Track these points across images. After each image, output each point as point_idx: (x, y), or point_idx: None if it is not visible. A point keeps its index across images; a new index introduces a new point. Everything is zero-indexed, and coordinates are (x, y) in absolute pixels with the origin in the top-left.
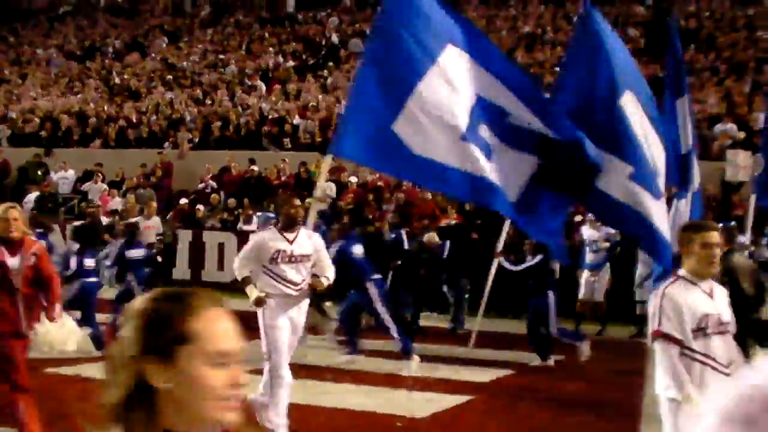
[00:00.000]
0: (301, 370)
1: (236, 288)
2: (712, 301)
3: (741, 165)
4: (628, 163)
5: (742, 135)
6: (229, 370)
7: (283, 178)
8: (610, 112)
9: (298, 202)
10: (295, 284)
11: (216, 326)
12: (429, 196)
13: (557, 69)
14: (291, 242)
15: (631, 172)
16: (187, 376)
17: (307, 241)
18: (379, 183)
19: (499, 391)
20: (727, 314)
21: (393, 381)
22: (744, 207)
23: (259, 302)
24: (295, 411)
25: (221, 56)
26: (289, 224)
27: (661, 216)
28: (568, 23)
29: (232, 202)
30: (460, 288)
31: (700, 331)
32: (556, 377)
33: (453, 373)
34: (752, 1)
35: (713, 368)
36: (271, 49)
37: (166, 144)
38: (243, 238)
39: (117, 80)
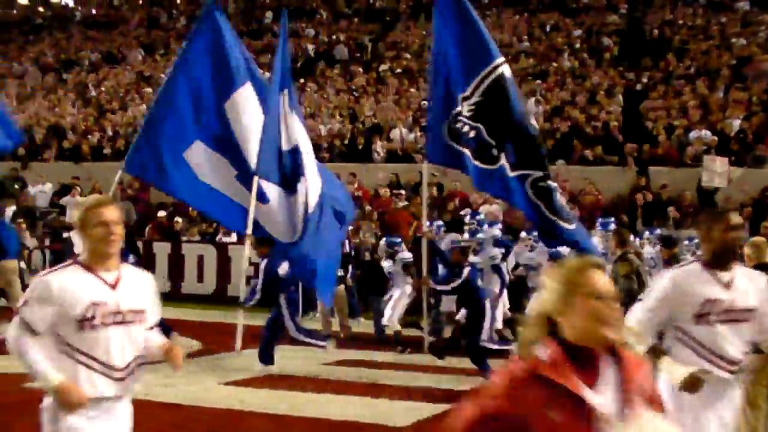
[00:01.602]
0: (281, 381)
1: (215, 300)
2: None
3: (717, 171)
4: (232, 164)
5: (715, 140)
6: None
7: None
8: (219, 115)
9: (738, 220)
10: (733, 361)
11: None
12: (403, 207)
13: (529, 78)
14: (727, 288)
15: (235, 174)
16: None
17: (749, 285)
18: (358, 193)
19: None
20: None
21: (374, 390)
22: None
23: (695, 383)
24: (275, 422)
25: None
26: (723, 258)
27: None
28: (543, 32)
29: None
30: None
31: None
32: None
33: (433, 382)
34: (724, 8)
35: None
36: None
37: None
38: (222, 250)
39: (93, 93)
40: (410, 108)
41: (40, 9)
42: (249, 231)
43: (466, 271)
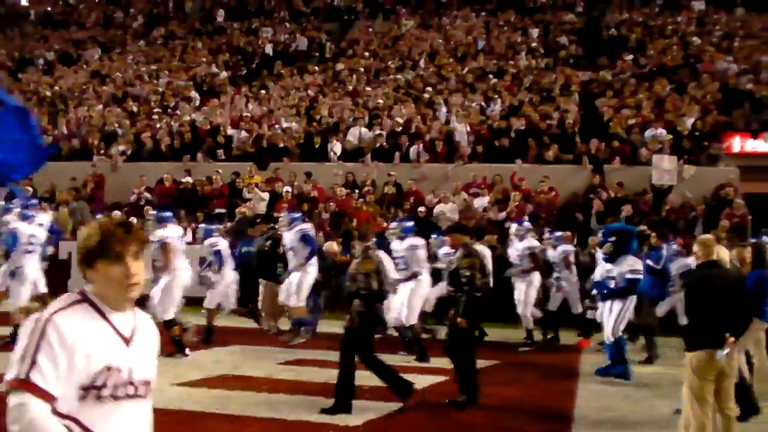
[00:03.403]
0: (236, 382)
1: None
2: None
3: (666, 169)
4: None
5: (670, 139)
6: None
7: (216, 189)
8: None
9: None
10: None
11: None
12: (362, 206)
13: (490, 76)
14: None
15: None
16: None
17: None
18: (313, 193)
19: (433, 397)
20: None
21: (327, 390)
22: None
23: None
24: (230, 423)
25: (153, 67)
26: None
27: None
28: (501, 31)
29: None
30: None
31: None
32: (491, 382)
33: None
34: (680, 8)
35: None
36: (204, 60)
37: (95, 158)
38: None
39: (48, 92)
40: (367, 107)
41: None
42: None
43: None
